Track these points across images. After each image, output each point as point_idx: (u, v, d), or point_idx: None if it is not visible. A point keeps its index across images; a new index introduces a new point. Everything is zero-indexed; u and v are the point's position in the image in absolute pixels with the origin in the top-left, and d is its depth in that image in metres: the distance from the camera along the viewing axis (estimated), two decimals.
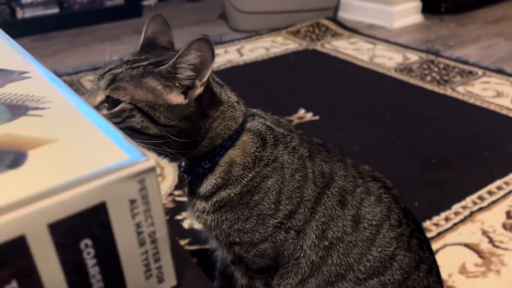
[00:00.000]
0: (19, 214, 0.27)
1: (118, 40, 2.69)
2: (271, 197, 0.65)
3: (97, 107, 0.60)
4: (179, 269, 0.38)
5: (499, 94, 1.81)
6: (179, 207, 1.24)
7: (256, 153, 0.66)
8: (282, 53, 2.33)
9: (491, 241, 1.11)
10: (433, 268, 0.71)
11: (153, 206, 0.33)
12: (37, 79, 0.45)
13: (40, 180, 0.30)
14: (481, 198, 1.26)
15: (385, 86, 1.96)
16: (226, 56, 2.30)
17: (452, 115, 1.71)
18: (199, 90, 0.61)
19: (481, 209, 1.22)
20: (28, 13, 2.79)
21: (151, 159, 0.33)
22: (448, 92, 1.86)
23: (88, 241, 0.31)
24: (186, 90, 0.61)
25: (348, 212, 0.67)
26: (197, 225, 0.83)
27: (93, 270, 0.32)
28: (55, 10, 2.86)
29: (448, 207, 1.23)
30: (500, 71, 2.00)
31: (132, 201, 0.32)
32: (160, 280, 0.37)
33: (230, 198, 0.65)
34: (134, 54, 0.67)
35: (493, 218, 1.19)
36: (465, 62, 2.11)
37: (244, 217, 0.66)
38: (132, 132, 0.60)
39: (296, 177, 0.67)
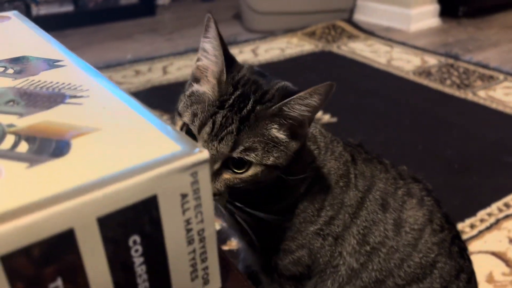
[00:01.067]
0: (68, 205, 0.25)
1: (132, 39, 2.67)
2: (315, 205, 0.62)
3: (216, 173, 0.54)
4: (221, 271, 0.36)
5: None
6: None
7: (312, 163, 0.63)
8: (297, 54, 2.30)
9: None
10: (472, 279, 0.68)
11: (204, 201, 0.31)
12: (71, 67, 0.43)
13: (88, 170, 0.27)
14: (507, 205, 1.22)
15: (404, 89, 1.93)
16: (241, 56, 2.27)
17: (474, 119, 1.67)
18: (306, 127, 0.56)
19: (507, 216, 1.18)
20: (43, 10, 2.78)
21: (205, 151, 0.30)
22: (469, 96, 1.82)
23: (137, 238, 0.28)
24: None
25: (390, 215, 0.64)
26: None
27: (140, 269, 0.29)
28: (69, 8, 2.86)
29: (473, 213, 1.19)
30: None
31: (184, 196, 0.29)
32: (206, 281, 0.34)
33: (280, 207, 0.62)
34: (222, 84, 0.56)
35: None
36: (485, 67, 2.07)
37: (288, 225, 0.63)
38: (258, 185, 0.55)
39: (340, 183, 0.64)
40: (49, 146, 0.30)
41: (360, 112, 1.74)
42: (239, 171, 0.53)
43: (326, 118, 1.66)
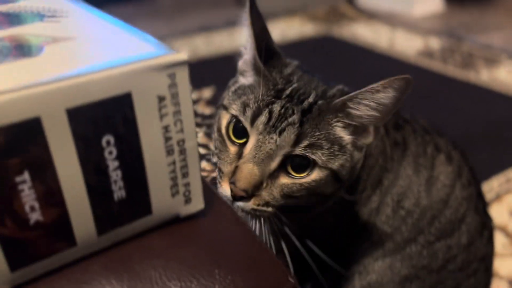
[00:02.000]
0: (34, 91, 0.24)
1: (131, 22, 2.65)
2: (359, 187, 0.58)
3: (273, 175, 0.47)
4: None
5: None
6: None
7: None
8: (298, 37, 2.28)
9: None
10: (492, 237, 0.66)
11: (184, 108, 0.29)
12: None
13: (59, 66, 0.26)
14: (508, 180, 1.20)
15: (406, 72, 1.89)
16: (242, 38, 2.25)
17: (477, 100, 1.65)
18: (371, 135, 0.49)
19: (509, 191, 1.16)
20: None
21: (182, 52, 0.29)
22: (472, 78, 1.80)
23: (110, 138, 0.27)
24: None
25: (422, 176, 0.61)
26: None
27: (115, 174, 0.28)
28: None
29: None
30: None
31: (161, 98, 0.28)
32: (187, 200, 0.32)
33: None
34: (270, 79, 0.49)
35: None
36: (488, 49, 2.04)
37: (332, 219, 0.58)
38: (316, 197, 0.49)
39: (379, 161, 0.59)
40: (21, 50, 0.28)
41: None
42: (299, 175, 0.46)
43: None
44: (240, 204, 0.46)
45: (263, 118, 0.46)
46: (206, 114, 1.51)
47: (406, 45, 2.15)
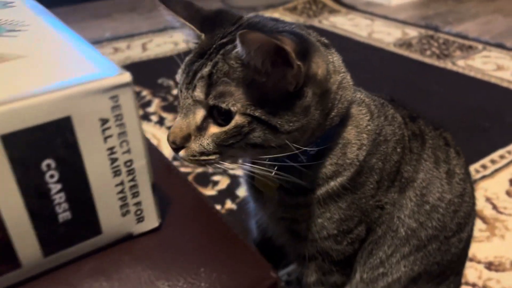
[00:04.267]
0: None
1: (111, 18, 2.62)
2: (375, 176, 0.55)
3: (201, 127, 0.47)
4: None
5: (499, 68, 1.77)
6: None
7: (369, 127, 0.55)
8: None
9: (494, 207, 1.09)
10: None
11: (130, 129, 0.29)
12: (20, 8, 0.42)
13: None
14: (484, 166, 1.23)
15: (384, 61, 1.92)
16: None
17: (453, 88, 1.67)
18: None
19: (484, 177, 1.19)
20: None
21: (126, 74, 0.28)
22: (449, 66, 1.81)
23: (51, 162, 0.27)
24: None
25: (442, 170, 0.60)
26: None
27: (58, 196, 0.28)
28: None
29: None
30: (500, 46, 1.96)
31: (104, 121, 0.28)
32: (140, 218, 0.33)
33: (342, 185, 0.54)
34: (203, 41, 0.50)
35: (496, 185, 1.16)
36: (465, 37, 2.06)
37: (347, 204, 0.55)
38: (254, 149, 0.47)
39: (397, 149, 0.57)
40: None
41: None
42: (226, 124, 0.46)
43: None
44: (178, 156, 0.48)
45: (182, 76, 0.48)
46: None
47: (385, 33, 2.16)
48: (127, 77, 0.28)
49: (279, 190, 0.55)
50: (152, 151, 0.44)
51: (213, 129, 0.46)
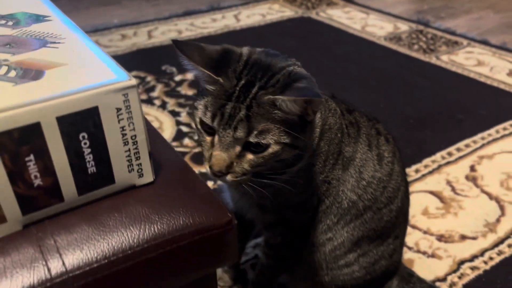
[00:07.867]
0: (36, 107, 0.39)
1: (119, 4, 2.76)
2: (322, 156, 0.71)
3: (239, 155, 0.60)
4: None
5: (480, 63, 1.91)
6: None
7: (319, 121, 0.70)
8: (278, 20, 2.41)
9: (453, 189, 1.24)
10: (409, 195, 0.87)
11: (134, 115, 0.45)
12: (56, 22, 0.56)
13: (53, 88, 0.41)
14: (450, 154, 1.37)
15: (374, 54, 2.05)
16: (224, 21, 2.38)
17: (435, 81, 1.81)
18: (312, 115, 0.61)
19: (448, 163, 1.33)
20: None
21: (133, 79, 0.44)
22: (433, 60, 1.95)
23: (85, 134, 0.42)
24: None
25: (374, 153, 0.77)
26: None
27: (88, 157, 0.44)
28: None
29: (419, 160, 1.34)
30: (484, 42, 2.09)
31: (118, 109, 0.44)
32: (140, 175, 0.48)
33: (301, 167, 0.67)
34: (226, 87, 0.59)
35: (458, 170, 1.31)
36: (452, 33, 2.19)
37: (303, 180, 0.70)
38: (278, 162, 0.62)
39: (338, 135, 0.73)
40: (30, 74, 0.43)
41: (333, 75, 1.87)
42: (261, 152, 0.59)
43: None
44: (221, 179, 0.62)
45: (218, 118, 0.58)
46: (188, 95, 1.66)
47: (377, 27, 2.29)
48: (134, 81, 0.44)
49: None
50: (152, 132, 0.60)
51: (250, 156, 0.60)
